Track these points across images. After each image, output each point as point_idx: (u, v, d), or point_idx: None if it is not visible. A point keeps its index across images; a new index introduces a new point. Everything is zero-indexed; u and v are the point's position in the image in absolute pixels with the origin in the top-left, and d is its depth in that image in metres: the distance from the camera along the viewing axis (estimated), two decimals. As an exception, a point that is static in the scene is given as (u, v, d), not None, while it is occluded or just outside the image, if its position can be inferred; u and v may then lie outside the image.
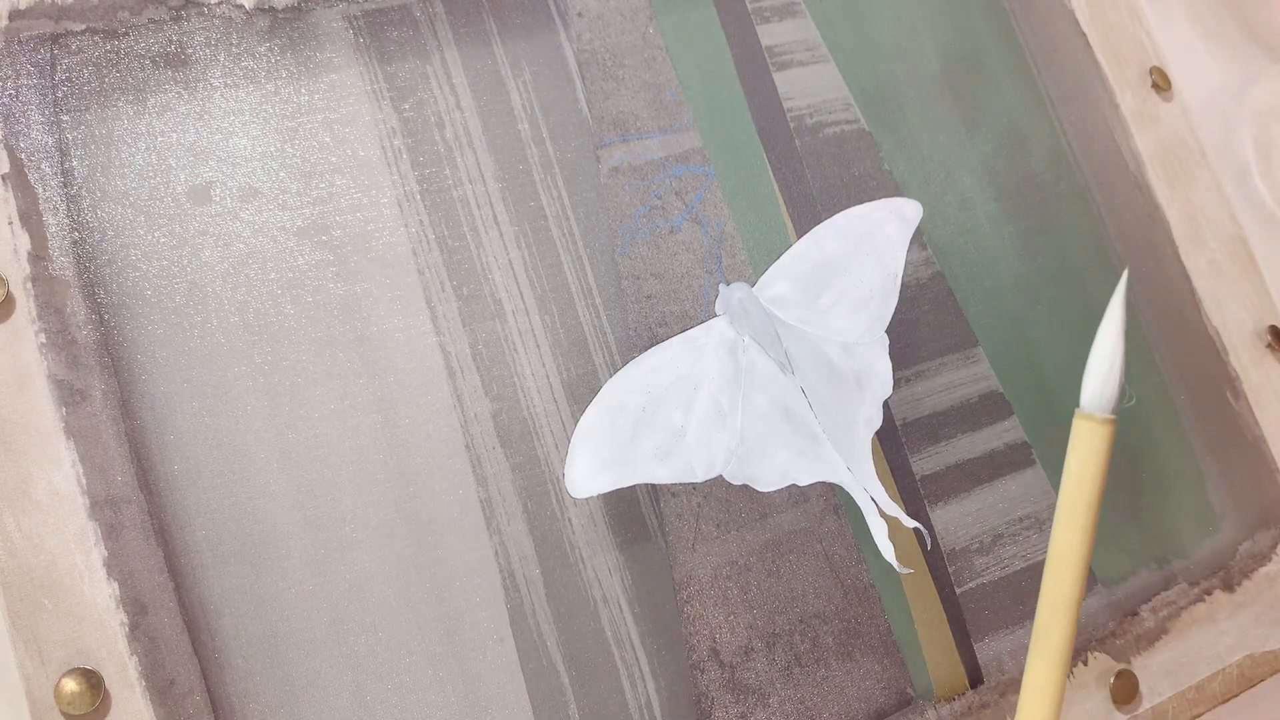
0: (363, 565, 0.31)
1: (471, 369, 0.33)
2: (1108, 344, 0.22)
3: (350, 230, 0.33)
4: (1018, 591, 0.37)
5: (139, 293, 0.31)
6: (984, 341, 0.38)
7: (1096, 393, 0.22)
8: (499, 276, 0.34)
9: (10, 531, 0.28)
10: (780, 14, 0.39)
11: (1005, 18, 0.43)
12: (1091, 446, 0.22)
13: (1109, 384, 0.22)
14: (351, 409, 0.32)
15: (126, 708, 0.28)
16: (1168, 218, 0.43)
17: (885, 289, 0.36)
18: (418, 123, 0.34)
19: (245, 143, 0.33)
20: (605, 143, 0.36)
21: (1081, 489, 0.22)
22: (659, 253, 0.36)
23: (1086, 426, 0.22)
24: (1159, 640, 0.38)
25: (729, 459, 0.33)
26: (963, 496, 0.37)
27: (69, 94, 0.31)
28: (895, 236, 0.37)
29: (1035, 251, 0.40)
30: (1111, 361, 0.22)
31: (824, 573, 0.35)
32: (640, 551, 0.33)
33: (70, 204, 0.31)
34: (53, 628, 0.28)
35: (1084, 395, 0.22)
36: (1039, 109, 0.42)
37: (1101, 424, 0.22)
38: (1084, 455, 0.22)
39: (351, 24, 0.34)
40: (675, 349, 0.34)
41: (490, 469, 0.32)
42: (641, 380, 0.33)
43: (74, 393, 0.30)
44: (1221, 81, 0.46)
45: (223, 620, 0.29)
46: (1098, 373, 0.22)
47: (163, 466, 0.30)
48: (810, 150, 0.38)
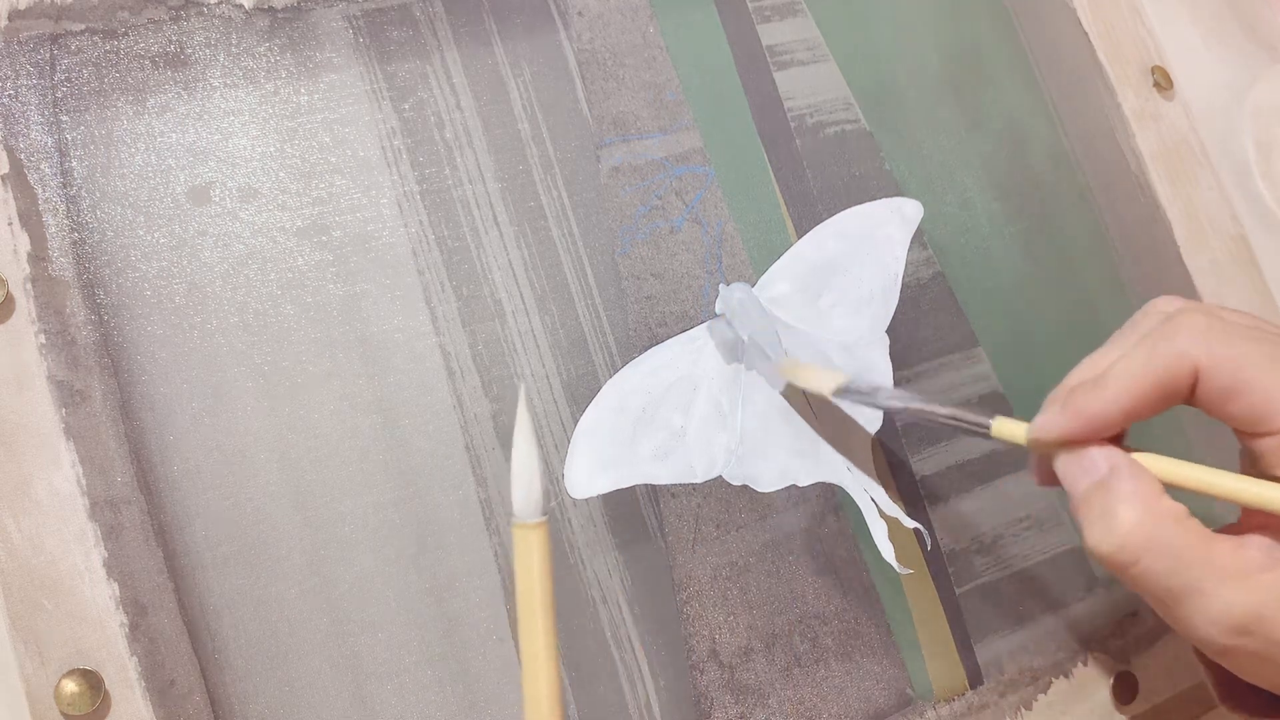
0: (363, 565, 0.31)
1: (471, 370, 0.33)
2: (522, 454, 0.24)
3: (350, 230, 0.33)
4: (1017, 591, 0.37)
5: (139, 293, 0.31)
6: (984, 341, 0.38)
7: (522, 502, 0.24)
8: (499, 277, 0.34)
9: (10, 532, 0.28)
10: (781, 13, 0.39)
11: (1006, 17, 0.43)
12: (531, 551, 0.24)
13: (532, 492, 0.24)
14: (351, 409, 0.32)
15: (126, 708, 0.28)
16: (1169, 217, 0.43)
17: (886, 289, 0.36)
18: (418, 123, 0.34)
19: (245, 143, 0.33)
20: (605, 142, 0.36)
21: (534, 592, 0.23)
22: (659, 253, 0.36)
23: (521, 534, 0.24)
24: (1159, 640, 0.38)
25: (729, 459, 0.33)
26: (963, 496, 0.37)
27: (69, 94, 0.31)
28: (896, 236, 0.37)
29: (1036, 251, 0.40)
30: (530, 470, 0.24)
31: (824, 573, 0.35)
32: (640, 551, 0.33)
33: (70, 204, 0.31)
34: (53, 628, 0.28)
35: (513, 506, 0.24)
36: (1040, 108, 0.42)
37: (534, 529, 0.24)
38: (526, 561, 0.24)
39: (351, 24, 0.34)
40: (675, 349, 0.34)
41: (490, 469, 0.32)
42: (641, 381, 0.33)
43: (74, 393, 0.30)
44: (1223, 81, 0.46)
45: (223, 620, 0.30)
46: (520, 483, 0.24)
47: (163, 467, 0.30)
48: (811, 150, 0.38)
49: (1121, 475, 0.24)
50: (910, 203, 0.37)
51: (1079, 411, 0.25)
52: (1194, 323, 0.24)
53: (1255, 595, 0.22)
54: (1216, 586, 0.23)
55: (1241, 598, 0.22)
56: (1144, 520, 0.23)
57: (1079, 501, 0.25)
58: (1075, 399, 0.25)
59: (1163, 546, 0.23)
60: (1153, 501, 0.24)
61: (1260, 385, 0.23)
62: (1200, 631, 0.23)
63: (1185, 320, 0.24)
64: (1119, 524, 0.23)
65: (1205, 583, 0.23)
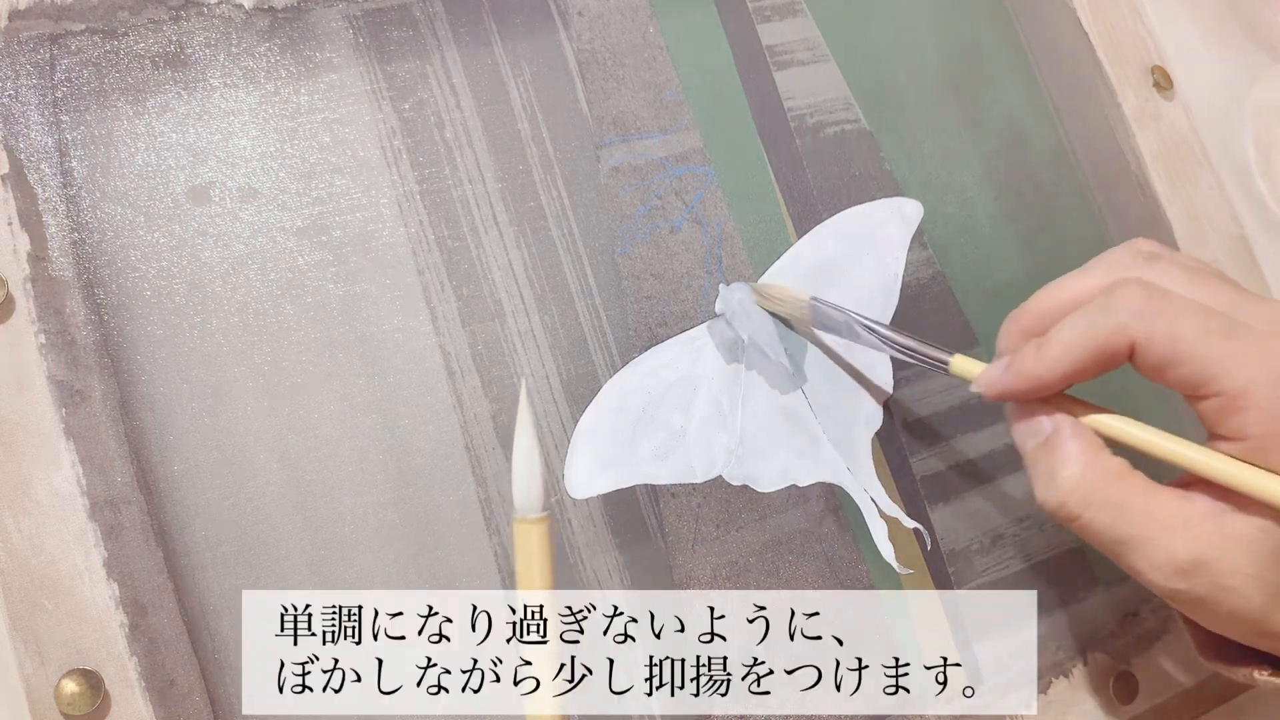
0: (363, 565, 0.31)
1: (471, 369, 0.33)
2: (523, 450, 0.24)
3: (350, 230, 0.33)
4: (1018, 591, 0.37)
5: (139, 293, 0.31)
6: (984, 341, 0.38)
7: (523, 497, 0.24)
8: (499, 276, 0.34)
9: (10, 532, 0.28)
10: (781, 13, 0.39)
11: (1006, 17, 0.43)
12: (532, 546, 0.24)
13: (533, 487, 0.24)
14: (351, 409, 0.32)
15: (126, 708, 0.28)
16: (1169, 217, 0.43)
17: (886, 289, 0.36)
18: (418, 123, 0.34)
19: (245, 143, 0.33)
20: (605, 142, 0.36)
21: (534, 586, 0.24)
22: (659, 253, 0.36)
23: (523, 529, 0.24)
24: (1159, 640, 0.38)
25: (729, 459, 0.33)
26: (963, 496, 0.37)
27: (69, 94, 0.31)
28: (896, 236, 0.37)
29: (1036, 251, 0.40)
30: (530, 466, 0.24)
31: (824, 573, 0.35)
32: (640, 551, 0.33)
33: (70, 204, 0.31)
34: (53, 628, 0.28)
35: (515, 502, 0.24)
36: (1040, 108, 0.42)
37: (536, 524, 0.24)
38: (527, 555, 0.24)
39: (351, 24, 0.34)
40: (675, 349, 0.34)
41: (490, 469, 0.32)
42: (641, 380, 0.33)
43: (74, 393, 0.30)
44: (1223, 81, 0.46)
45: (222, 620, 0.30)
46: (520, 479, 0.24)
47: (163, 467, 0.30)
48: (811, 150, 0.38)
49: (1064, 434, 0.26)
50: (910, 203, 0.37)
51: (1020, 373, 0.27)
52: (1132, 295, 0.25)
53: (1197, 542, 0.24)
54: (1159, 534, 0.24)
55: (1182, 545, 0.24)
56: (1085, 476, 0.25)
57: (1027, 460, 0.27)
58: (1018, 360, 0.27)
59: (1103, 501, 0.25)
60: (1093, 458, 0.25)
61: (1194, 354, 0.24)
62: (1146, 576, 0.25)
63: (1123, 293, 0.25)
64: (1062, 480, 0.25)
65: (1145, 533, 0.24)
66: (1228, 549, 0.24)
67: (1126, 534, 0.25)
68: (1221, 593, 0.24)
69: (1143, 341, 0.25)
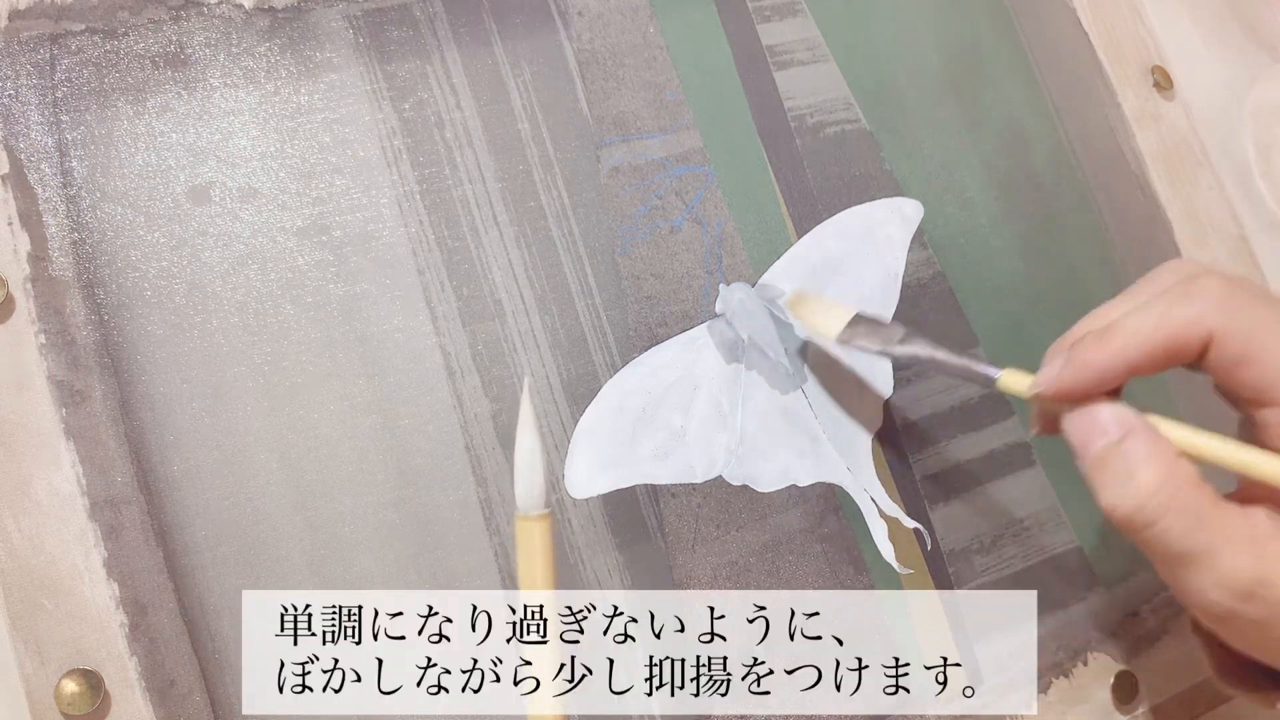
0: (363, 565, 0.31)
1: (471, 369, 0.33)
2: (525, 447, 0.24)
3: (350, 230, 0.33)
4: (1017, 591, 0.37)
5: (139, 293, 0.31)
6: (984, 341, 0.38)
7: (525, 494, 0.24)
8: (499, 276, 0.34)
9: (10, 532, 0.28)
10: (781, 13, 0.39)
11: (1006, 17, 0.43)
12: (534, 543, 0.24)
13: (534, 484, 0.24)
14: (351, 409, 0.32)
15: (126, 708, 0.28)
16: (1169, 217, 0.43)
17: (886, 289, 0.36)
18: (418, 123, 0.34)
19: (245, 143, 0.33)
20: (605, 142, 0.36)
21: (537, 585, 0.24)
22: (659, 253, 0.36)
23: (524, 526, 0.24)
24: (1159, 640, 0.38)
25: (729, 459, 0.33)
26: (963, 496, 0.37)
27: (69, 94, 0.31)
28: (896, 236, 0.37)
29: (1036, 251, 0.40)
30: (532, 463, 0.24)
31: (824, 573, 0.35)
32: (640, 551, 0.33)
33: (70, 204, 0.31)
34: (53, 628, 0.28)
35: (517, 499, 0.24)
36: (1040, 108, 0.42)
37: (537, 521, 0.24)
38: (529, 552, 0.24)
39: (351, 24, 0.34)
40: (675, 349, 0.34)
41: (490, 469, 0.32)
42: (641, 380, 0.33)
43: (74, 393, 0.30)
44: (1223, 81, 0.46)
45: (223, 620, 0.30)
46: (523, 476, 0.24)
47: (163, 467, 0.30)
48: (811, 150, 0.38)
49: (1139, 436, 0.24)
50: (910, 203, 0.37)
51: (1084, 363, 0.25)
52: (1213, 287, 0.24)
53: (1263, 561, 0.23)
54: (1226, 550, 0.23)
55: (1249, 563, 0.23)
56: (1165, 482, 0.23)
57: (1093, 462, 0.25)
58: (1079, 352, 0.25)
59: (1182, 508, 0.23)
60: (1171, 463, 0.24)
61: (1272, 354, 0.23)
62: (1207, 594, 0.23)
63: (1205, 284, 0.24)
64: (1139, 485, 0.23)
65: (1216, 546, 0.23)
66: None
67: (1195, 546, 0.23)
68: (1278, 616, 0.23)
69: (1221, 334, 0.24)
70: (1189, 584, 0.24)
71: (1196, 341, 0.24)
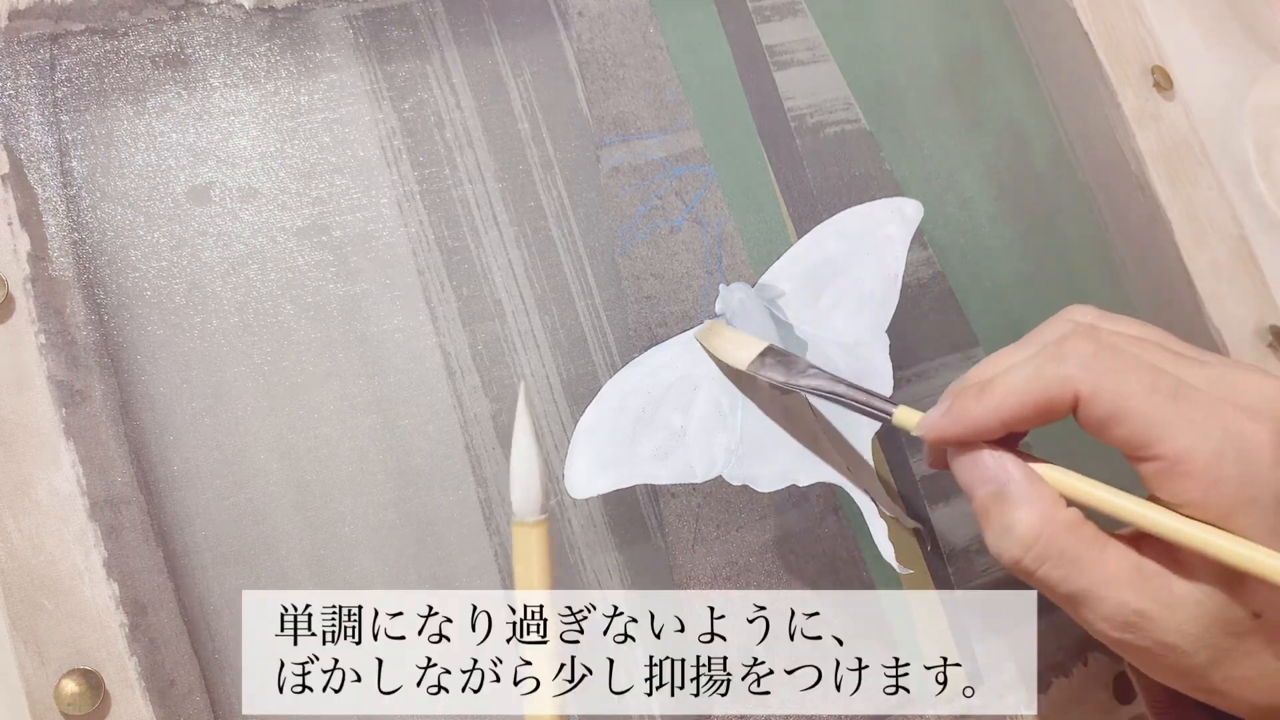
0: (363, 565, 0.31)
1: (471, 369, 0.33)
2: (521, 453, 0.24)
3: (350, 230, 0.33)
4: (1017, 592, 0.37)
5: (139, 293, 0.31)
6: (984, 341, 0.38)
7: (522, 500, 0.24)
8: (499, 276, 0.34)
9: (10, 532, 0.28)
10: (781, 13, 0.39)
11: (1006, 17, 0.43)
12: (530, 548, 0.24)
13: (531, 490, 0.24)
14: (351, 409, 0.32)
15: (126, 708, 0.28)
16: (1169, 217, 0.43)
17: (886, 289, 0.36)
18: (418, 123, 0.34)
19: (245, 143, 0.33)
20: (605, 142, 0.36)
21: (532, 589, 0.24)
22: (659, 253, 0.36)
23: (521, 532, 0.24)
24: (1159, 640, 0.38)
25: (729, 459, 0.33)
26: (963, 496, 0.37)
27: (69, 94, 0.31)
28: (896, 236, 0.37)
29: (1036, 251, 0.40)
30: (529, 469, 0.24)
31: (824, 573, 0.35)
32: (640, 551, 0.33)
33: (70, 204, 0.31)
34: (53, 628, 0.28)
35: (513, 504, 0.24)
36: (1040, 108, 0.42)
37: (534, 527, 0.24)
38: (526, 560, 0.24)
39: (351, 24, 0.34)
40: (675, 349, 0.34)
41: (490, 469, 0.32)
42: (641, 380, 0.33)
43: (74, 393, 0.30)
44: (1223, 81, 0.46)
45: (223, 620, 0.30)
46: (519, 481, 0.24)
47: (163, 467, 0.30)
48: (811, 150, 0.38)
49: (1018, 484, 0.25)
50: (910, 203, 0.37)
51: (960, 416, 0.26)
52: (1080, 348, 0.25)
53: (1142, 596, 0.24)
54: (1106, 589, 0.24)
55: (1130, 597, 0.24)
56: (1041, 531, 0.24)
57: (978, 508, 0.26)
58: (958, 403, 0.26)
59: (1059, 556, 0.24)
60: (1048, 511, 0.25)
61: (1139, 414, 0.24)
62: (1095, 627, 0.25)
63: (1073, 345, 0.25)
64: (1018, 536, 0.25)
65: (1095, 587, 0.24)
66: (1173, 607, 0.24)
67: (1078, 588, 0.24)
68: (1164, 649, 0.24)
69: (1088, 395, 0.24)
70: (1082, 619, 0.25)
71: (1067, 400, 0.24)
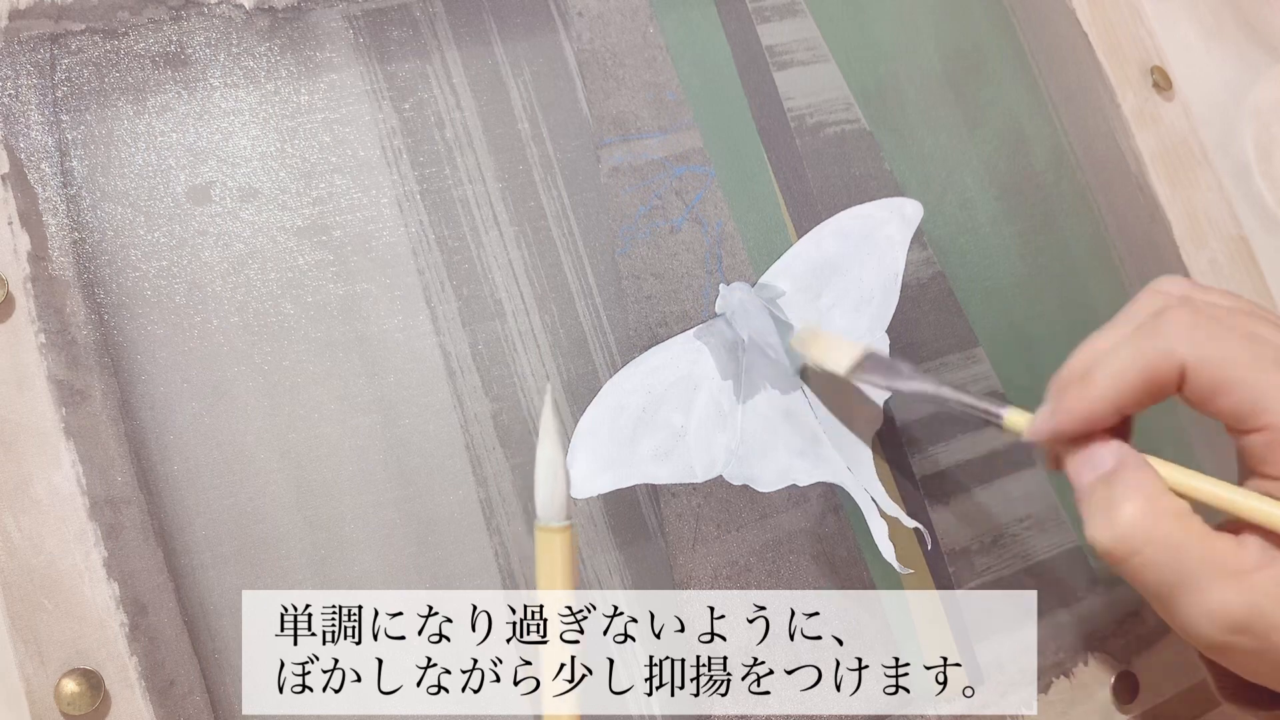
0: (363, 565, 0.31)
1: (471, 369, 0.33)
2: (546, 458, 0.23)
3: (350, 230, 0.33)
4: (1018, 591, 0.37)
5: (139, 293, 0.31)
6: (984, 341, 0.38)
7: (546, 505, 0.23)
8: (499, 276, 0.34)
9: (10, 531, 0.28)
10: (781, 13, 0.39)
11: (1006, 17, 0.43)
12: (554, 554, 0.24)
13: (556, 495, 0.23)
14: (351, 409, 0.32)
15: (126, 708, 0.28)
16: (1169, 217, 0.43)
17: (886, 288, 0.36)
18: (418, 123, 0.34)
19: (245, 143, 0.33)
20: (605, 142, 0.36)
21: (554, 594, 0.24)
22: (659, 253, 0.36)
23: (544, 537, 0.24)
24: (1159, 640, 0.38)
25: (729, 459, 0.33)
26: (963, 496, 0.37)
27: (69, 94, 0.31)
28: (896, 236, 0.37)
29: (1036, 251, 0.40)
30: (554, 474, 0.23)
31: (824, 573, 0.35)
32: (640, 551, 0.33)
33: (70, 204, 0.31)
34: (53, 628, 0.28)
35: (537, 509, 0.24)
36: (1040, 108, 0.42)
37: (558, 533, 0.23)
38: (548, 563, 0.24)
39: (351, 24, 0.34)
40: (675, 349, 0.34)
41: (490, 469, 0.32)
42: (642, 380, 0.33)
43: (74, 393, 0.30)
44: (1222, 81, 0.46)
45: (223, 620, 0.30)
46: (544, 486, 0.23)
47: (163, 466, 0.30)
48: (811, 150, 0.38)
49: (1126, 468, 0.24)
50: (910, 203, 0.37)
51: (1069, 411, 0.25)
52: (1180, 319, 0.24)
53: (1252, 593, 0.22)
54: (1214, 582, 0.23)
55: (1238, 595, 0.22)
56: (1145, 513, 0.23)
57: (1083, 494, 0.25)
58: (1064, 398, 0.25)
59: (1162, 540, 0.23)
60: (1154, 496, 0.24)
61: (1245, 383, 0.23)
62: (1197, 628, 0.23)
63: (1172, 317, 0.24)
64: (1120, 516, 0.24)
65: (1203, 579, 0.23)
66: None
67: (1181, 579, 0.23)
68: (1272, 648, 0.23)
69: (1193, 366, 0.24)
70: (1178, 616, 0.24)
71: (1172, 374, 0.24)
